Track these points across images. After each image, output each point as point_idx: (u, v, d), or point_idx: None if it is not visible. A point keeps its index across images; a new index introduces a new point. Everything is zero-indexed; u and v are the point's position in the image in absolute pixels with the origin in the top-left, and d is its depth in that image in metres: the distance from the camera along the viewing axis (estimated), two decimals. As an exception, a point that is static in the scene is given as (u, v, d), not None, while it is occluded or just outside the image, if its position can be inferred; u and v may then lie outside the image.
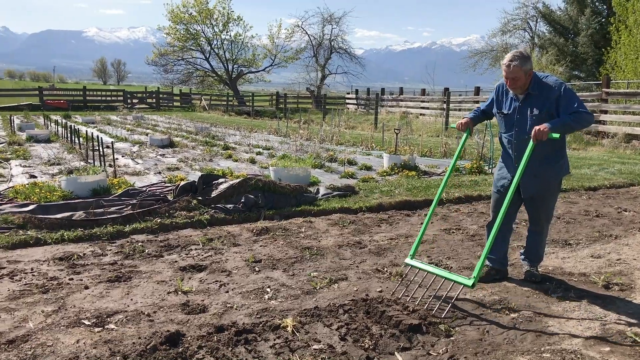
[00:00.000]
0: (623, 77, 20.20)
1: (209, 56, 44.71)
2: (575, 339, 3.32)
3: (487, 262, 4.39)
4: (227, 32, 44.49)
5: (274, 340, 3.20)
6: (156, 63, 44.62)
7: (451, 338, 3.32)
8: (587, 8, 25.57)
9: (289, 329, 3.32)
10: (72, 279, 4.21)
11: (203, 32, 43.74)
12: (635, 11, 19.83)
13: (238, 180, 6.57)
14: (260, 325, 3.39)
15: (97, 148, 10.01)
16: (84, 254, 4.84)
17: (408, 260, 4.09)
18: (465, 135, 4.37)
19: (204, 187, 6.64)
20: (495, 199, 4.33)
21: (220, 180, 6.75)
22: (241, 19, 44.68)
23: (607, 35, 22.89)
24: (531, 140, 3.76)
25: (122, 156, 11.69)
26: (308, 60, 45.15)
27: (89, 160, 10.11)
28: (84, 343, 3.15)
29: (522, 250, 4.53)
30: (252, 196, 6.39)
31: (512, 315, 3.68)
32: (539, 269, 4.47)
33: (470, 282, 3.62)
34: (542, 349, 3.17)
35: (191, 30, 43.33)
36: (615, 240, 5.64)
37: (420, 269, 3.98)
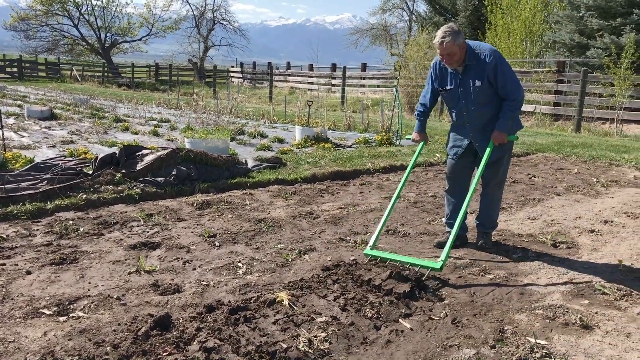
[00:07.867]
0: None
1: (78, 23, 40.93)
2: (554, 294, 3.48)
3: (447, 229, 4.45)
4: (98, -4, 41.07)
5: (274, 316, 2.97)
6: (15, 28, 40.03)
7: (445, 302, 3.32)
8: (464, -12, 26.95)
9: (285, 303, 3.11)
10: (4, 264, 3.60)
11: (70, -4, 39.91)
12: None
13: (166, 151, 6.06)
14: (252, 301, 3.14)
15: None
16: (8, 235, 4.17)
17: (367, 251, 3.88)
18: (420, 145, 4.46)
19: (126, 159, 6.05)
20: (450, 164, 4.38)
21: (145, 151, 6.19)
22: (113, -16, 41.40)
23: (482, 17, 24.43)
24: (492, 142, 3.99)
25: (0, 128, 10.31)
26: (190, 31, 43.13)
27: (-37, 133, 8.78)
28: (54, 335, 2.70)
29: (476, 216, 4.59)
30: (184, 168, 5.94)
31: (488, 276, 3.78)
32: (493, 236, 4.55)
33: (438, 266, 3.54)
34: (532, 305, 3.29)
35: (56, -8, 39.32)
36: (540, 203, 6.04)
37: (382, 258, 3.79)
